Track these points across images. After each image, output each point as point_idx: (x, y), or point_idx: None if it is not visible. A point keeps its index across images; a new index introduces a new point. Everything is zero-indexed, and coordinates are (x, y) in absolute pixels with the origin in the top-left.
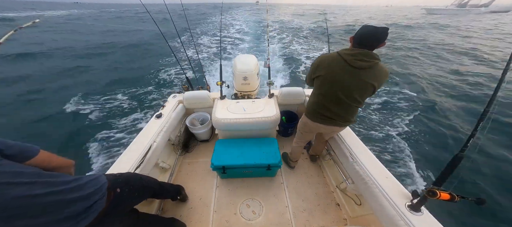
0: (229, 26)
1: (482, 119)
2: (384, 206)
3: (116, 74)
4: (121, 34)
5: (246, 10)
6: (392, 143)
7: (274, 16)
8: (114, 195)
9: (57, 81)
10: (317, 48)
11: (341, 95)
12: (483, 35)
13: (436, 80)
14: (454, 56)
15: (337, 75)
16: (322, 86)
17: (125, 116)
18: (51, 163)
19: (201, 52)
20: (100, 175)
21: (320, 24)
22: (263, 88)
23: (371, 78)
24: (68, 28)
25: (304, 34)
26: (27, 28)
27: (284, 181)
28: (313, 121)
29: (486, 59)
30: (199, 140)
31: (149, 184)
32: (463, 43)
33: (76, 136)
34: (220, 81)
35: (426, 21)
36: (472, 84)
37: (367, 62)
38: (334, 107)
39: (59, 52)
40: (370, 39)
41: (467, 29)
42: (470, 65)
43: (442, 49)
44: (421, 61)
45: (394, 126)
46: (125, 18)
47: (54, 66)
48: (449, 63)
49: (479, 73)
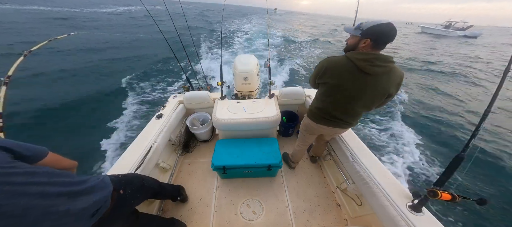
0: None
1: (483, 120)
2: (385, 206)
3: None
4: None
5: (260, 17)
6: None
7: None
8: (118, 197)
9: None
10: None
11: (352, 104)
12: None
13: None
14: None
15: (347, 83)
16: (329, 95)
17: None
18: (59, 164)
19: (201, 52)
20: (105, 176)
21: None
22: (264, 88)
23: (387, 85)
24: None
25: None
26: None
27: (285, 181)
28: (316, 123)
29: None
30: (200, 140)
31: (150, 184)
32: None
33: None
34: (221, 81)
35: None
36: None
37: (383, 67)
38: (342, 114)
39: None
40: (391, 37)
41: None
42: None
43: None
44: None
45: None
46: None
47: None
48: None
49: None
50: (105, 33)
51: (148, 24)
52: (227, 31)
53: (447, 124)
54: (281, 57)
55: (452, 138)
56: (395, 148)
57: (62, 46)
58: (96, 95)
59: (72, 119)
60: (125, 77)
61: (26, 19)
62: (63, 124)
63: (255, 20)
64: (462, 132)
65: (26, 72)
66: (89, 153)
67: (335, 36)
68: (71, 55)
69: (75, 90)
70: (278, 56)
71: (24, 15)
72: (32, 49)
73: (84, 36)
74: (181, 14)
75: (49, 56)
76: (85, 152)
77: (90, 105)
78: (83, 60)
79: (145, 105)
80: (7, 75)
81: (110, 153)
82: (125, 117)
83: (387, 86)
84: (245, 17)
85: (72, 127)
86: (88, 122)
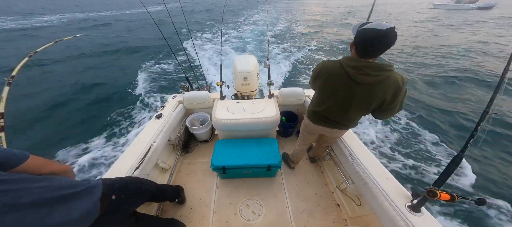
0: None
1: (482, 120)
2: (384, 207)
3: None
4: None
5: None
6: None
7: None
8: (109, 202)
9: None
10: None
11: (345, 110)
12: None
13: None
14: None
15: (337, 89)
16: (323, 99)
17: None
18: (43, 169)
19: (201, 52)
20: (96, 180)
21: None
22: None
23: (379, 93)
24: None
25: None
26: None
27: (284, 182)
28: (315, 124)
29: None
30: (199, 141)
31: (148, 188)
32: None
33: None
34: (220, 81)
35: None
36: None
37: (375, 77)
38: (337, 118)
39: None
40: (375, 46)
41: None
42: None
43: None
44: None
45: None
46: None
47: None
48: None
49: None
50: (113, 34)
51: (150, 23)
52: (235, 23)
53: (448, 121)
54: (285, 51)
55: (452, 137)
56: (395, 147)
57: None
58: (98, 95)
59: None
60: (124, 77)
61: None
62: (63, 122)
63: (260, 13)
64: (462, 131)
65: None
66: (88, 153)
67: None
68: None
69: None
70: (281, 52)
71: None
72: (38, 50)
73: (89, 38)
74: (180, 15)
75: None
76: (83, 152)
77: (91, 106)
78: (85, 64)
79: (145, 105)
80: (11, 76)
81: (109, 153)
82: (125, 117)
83: (381, 94)
84: (254, 8)
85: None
86: (87, 122)
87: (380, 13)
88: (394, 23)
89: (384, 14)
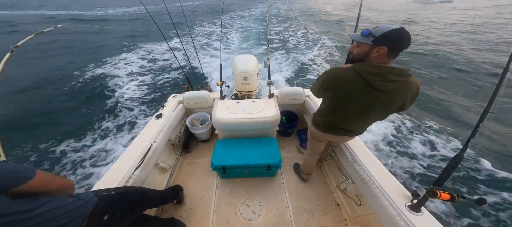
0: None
1: (482, 119)
2: (384, 206)
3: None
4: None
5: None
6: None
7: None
8: (99, 223)
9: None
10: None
11: (362, 119)
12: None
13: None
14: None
15: (355, 99)
16: (336, 109)
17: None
18: (49, 187)
19: (201, 52)
20: (86, 200)
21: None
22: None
23: (400, 99)
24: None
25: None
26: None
27: (284, 181)
28: (324, 133)
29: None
30: (199, 140)
31: (151, 200)
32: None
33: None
34: (220, 81)
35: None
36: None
37: (399, 82)
38: (350, 127)
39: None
40: (407, 44)
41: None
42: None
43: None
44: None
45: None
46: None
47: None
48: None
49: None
50: (95, 26)
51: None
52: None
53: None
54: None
55: (452, 136)
56: (395, 147)
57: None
58: (87, 95)
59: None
60: (122, 76)
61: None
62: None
63: (259, 10)
64: (462, 130)
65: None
66: (84, 155)
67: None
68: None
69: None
70: (283, 53)
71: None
72: (19, 44)
73: (72, 28)
74: (180, 15)
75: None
76: (76, 154)
77: (81, 106)
78: (68, 58)
79: (144, 105)
80: None
81: (109, 154)
82: (124, 117)
83: (401, 101)
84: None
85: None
86: (85, 123)
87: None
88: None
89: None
